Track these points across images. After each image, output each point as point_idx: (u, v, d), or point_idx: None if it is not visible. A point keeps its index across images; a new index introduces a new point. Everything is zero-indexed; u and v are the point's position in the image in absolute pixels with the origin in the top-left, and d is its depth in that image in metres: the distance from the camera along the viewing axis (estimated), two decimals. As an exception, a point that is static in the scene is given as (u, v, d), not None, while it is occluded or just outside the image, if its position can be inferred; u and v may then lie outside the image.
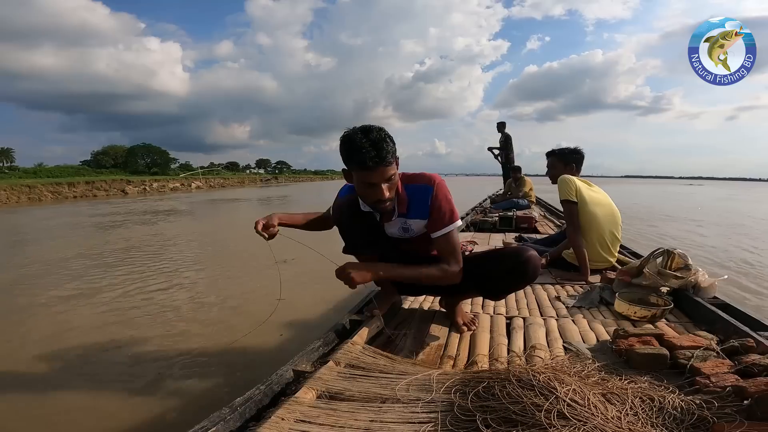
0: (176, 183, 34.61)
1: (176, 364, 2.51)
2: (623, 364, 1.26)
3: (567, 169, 2.63)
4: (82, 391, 2.23)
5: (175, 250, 6.40)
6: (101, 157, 42.50)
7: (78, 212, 13.94)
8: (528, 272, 1.45)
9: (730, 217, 13.20)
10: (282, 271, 4.83)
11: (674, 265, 1.97)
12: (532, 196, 6.87)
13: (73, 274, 4.82)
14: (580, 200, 2.45)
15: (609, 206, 2.54)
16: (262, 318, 2.41)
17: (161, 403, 2.11)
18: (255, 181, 53.50)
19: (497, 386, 0.98)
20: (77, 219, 11.74)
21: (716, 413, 0.88)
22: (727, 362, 1.17)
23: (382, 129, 1.31)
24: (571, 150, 2.68)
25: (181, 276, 4.75)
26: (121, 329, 3.07)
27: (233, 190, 33.53)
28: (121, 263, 5.40)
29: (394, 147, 1.31)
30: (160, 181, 32.44)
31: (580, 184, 2.50)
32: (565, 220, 2.53)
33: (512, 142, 8.48)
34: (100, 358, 2.62)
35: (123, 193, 26.50)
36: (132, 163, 42.51)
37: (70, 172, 30.10)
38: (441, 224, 1.43)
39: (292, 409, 0.97)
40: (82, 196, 23.32)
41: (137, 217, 12.12)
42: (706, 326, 1.61)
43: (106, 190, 26.17)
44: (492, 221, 4.99)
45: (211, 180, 41.87)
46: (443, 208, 1.43)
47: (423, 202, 1.43)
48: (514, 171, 7.40)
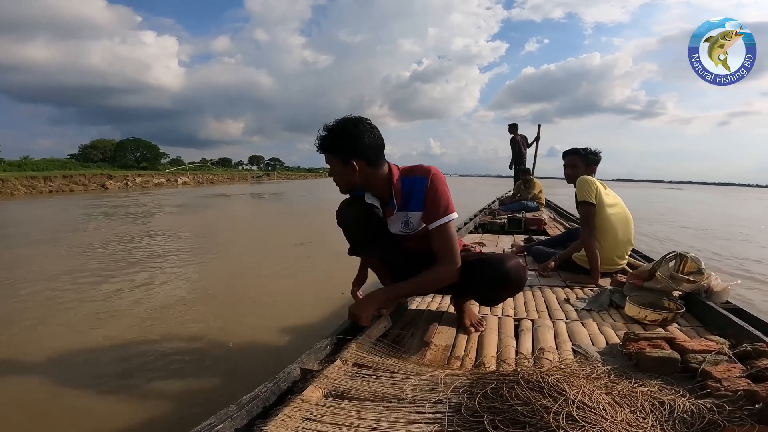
0: (162, 178, 32.41)
1: (181, 361, 2.54)
2: (633, 367, 1.25)
3: (588, 171, 2.60)
4: (84, 390, 2.24)
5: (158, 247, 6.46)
6: (89, 150, 40.92)
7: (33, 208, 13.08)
8: (510, 283, 1.45)
9: (690, 217, 14.41)
10: (291, 272, 4.86)
11: (687, 269, 1.94)
12: (541, 198, 6.82)
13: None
14: (598, 202, 2.42)
15: (623, 210, 2.51)
16: (264, 319, 2.42)
17: (166, 400, 2.12)
18: (246, 177, 51.23)
19: (505, 387, 0.98)
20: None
21: (727, 417, 0.87)
22: (739, 366, 1.15)
23: (345, 125, 1.38)
24: (593, 151, 2.65)
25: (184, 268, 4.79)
26: (117, 326, 3.10)
27: (222, 187, 32.29)
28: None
29: (335, 143, 1.38)
30: (144, 176, 30.45)
31: (600, 187, 2.48)
32: (581, 222, 2.50)
33: (524, 144, 8.46)
34: (99, 356, 2.64)
35: (103, 188, 24.55)
36: (121, 157, 40.76)
37: (56, 165, 28.64)
38: (435, 215, 1.42)
39: (299, 407, 0.98)
40: (59, 191, 21.42)
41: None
42: (718, 330, 1.58)
43: (85, 184, 24.09)
44: (501, 223, 4.97)
45: (200, 175, 39.47)
46: (437, 199, 1.42)
47: (419, 194, 1.44)
48: (524, 173, 7.37)
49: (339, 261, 4.71)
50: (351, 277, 1.79)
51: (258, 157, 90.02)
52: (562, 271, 2.59)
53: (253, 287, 4.31)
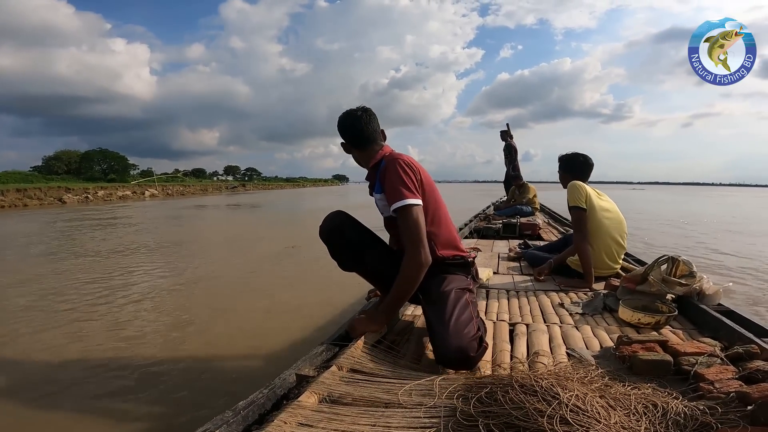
0: (127, 191, 31.01)
1: (176, 369, 2.52)
2: (626, 370, 1.26)
3: (571, 176, 2.62)
4: (84, 402, 2.22)
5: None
6: (53, 162, 38.92)
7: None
8: (452, 365, 1.29)
9: (641, 214, 15.45)
10: (285, 278, 4.85)
11: (679, 273, 1.96)
12: (535, 202, 6.85)
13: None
14: (589, 207, 2.43)
15: (616, 214, 2.53)
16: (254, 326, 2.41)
17: (160, 407, 2.11)
18: (220, 188, 49.76)
19: (500, 392, 0.98)
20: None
21: (720, 419, 0.88)
22: (731, 368, 1.16)
23: (348, 114, 1.60)
24: (569, 156, 2.67)
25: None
26: (109, 336, 3.07)
27: (194, 199, 30.66)
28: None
29: (342, 129, 1.61)
30: (107, 189, 28.89)
31: (590, 191, 2.49)
32: (573, 226, 2.52)
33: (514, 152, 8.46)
34: (100, 367, 2.62)
35: (60, 202, 23.04)
36: (86, 169, 39.00)
37: (17, 178, 27.07)
38: (391, 199, 1.45)
39: (295, 413, 0.97)
40: (11, 206, 19.95)
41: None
42: (710, 333, 1.60)
43: (41, 198, 22.54)
44: (495, 228, 4.99)
45: (169, 187, 37.96)
46: (390, 182, 1.45)
47: (381, 177, 1.50)
48: (516, 178, 7.38)
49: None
50: (347, 282, 1.79)
51: (234, 168, 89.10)
52: (556, 275, 2.61)
53: (245, 296, 4.30)
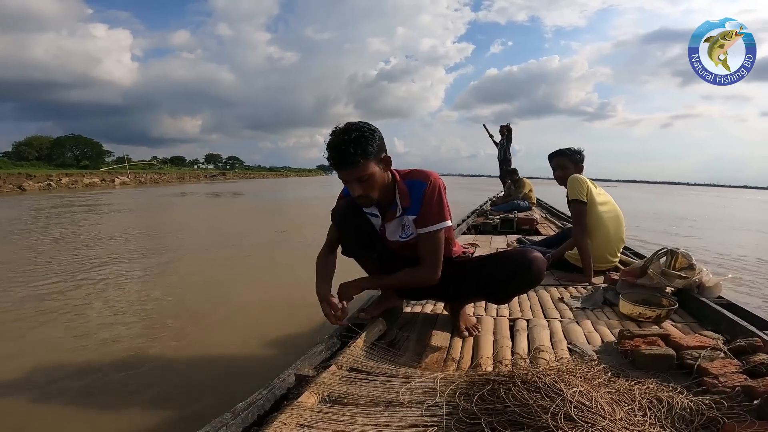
0: (95, 178, 28.65)
1: (174, 370, 2.50)
2: (629, 365, 1.25)
3: (577, 170, 2.61)
4: (79, 402, 2.20)
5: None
6: (23, 148, 36.81)
7: None
8: (532, 275, 1.42)
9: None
10: (283, 272, 4.83)
11: (678, 265, 1.95)
12: (532, 197, 6.85)
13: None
14: (589, 201, 2.42)
15: (614, 208, 2.52)
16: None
17: (159, 409, 2.09)
18: (198, 176, 46.13)
19: (502, 389, 0.97)
20: None
21: (726, 413, 0.87)
22: (735, 362, 1.15)
23: (361, 129, 1.30)
24: (576, 150, 2.66)
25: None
26: (108, 332, 3.05)
27: (169, 187, 28.54)
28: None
29: (370, 147, 1.29)
30: (72, 176, 26.56)
31: (590, 185, 2.48)
32: (572, 220, 2.50)
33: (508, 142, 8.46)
34: (99, 367, 2.60)
35: (20, 189, 21.39)
36: (58, 155, 37.30)
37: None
38: (429, 221, 1.41)
39: (295, 413, 0.96)
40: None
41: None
42: (711, 326, 1.59)
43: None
44: (493, 223, 4.99)
45: (142, 175, 35.01)
46: (434, 205, 1.41)
47: (417, 197, 1.42)
48: (511, 173, 7.37)
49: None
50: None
51: (215, 156, 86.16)
52: (555, 270, 2.60)
53: (242, 295, 4.27)
